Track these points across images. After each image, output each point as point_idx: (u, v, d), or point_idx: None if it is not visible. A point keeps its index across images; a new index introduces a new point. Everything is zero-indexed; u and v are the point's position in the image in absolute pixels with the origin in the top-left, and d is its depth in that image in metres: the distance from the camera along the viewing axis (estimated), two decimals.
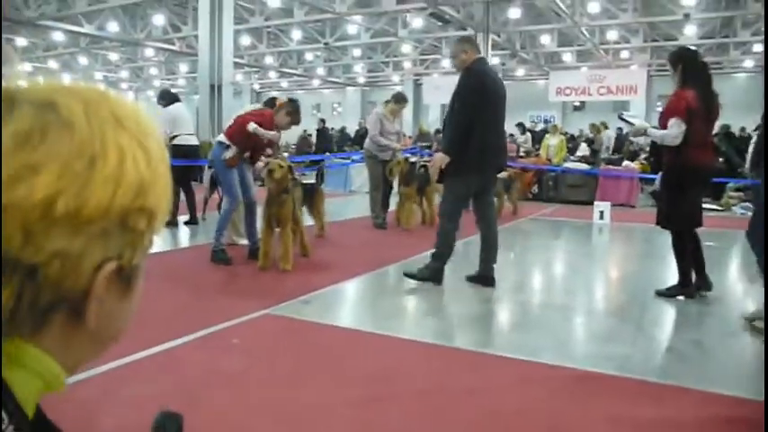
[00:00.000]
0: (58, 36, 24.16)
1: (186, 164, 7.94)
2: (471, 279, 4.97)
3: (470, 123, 4.63)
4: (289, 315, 4.04)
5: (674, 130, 4.31)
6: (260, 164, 5.80)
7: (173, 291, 4.77)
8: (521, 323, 4.20)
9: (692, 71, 4.44)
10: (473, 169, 4.72)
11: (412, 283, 4.88)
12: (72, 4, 19.04)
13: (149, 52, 27.46)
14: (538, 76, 27.04)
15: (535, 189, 13.25)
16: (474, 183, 4.80)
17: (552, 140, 13.87)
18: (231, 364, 3.19)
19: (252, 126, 5.44)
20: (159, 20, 21.20)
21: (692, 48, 4.95)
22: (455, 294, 4.85)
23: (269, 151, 5.94)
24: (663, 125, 4.49)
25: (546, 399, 2.81)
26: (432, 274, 4.87)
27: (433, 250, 4.93)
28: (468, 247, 7.22)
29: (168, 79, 33.39)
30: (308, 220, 6.95)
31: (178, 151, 7.85)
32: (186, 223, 8.18)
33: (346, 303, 4.68)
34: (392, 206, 8.40)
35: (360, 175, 13.76)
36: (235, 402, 2.68)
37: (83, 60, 30.72)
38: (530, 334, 3.87)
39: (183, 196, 8.19)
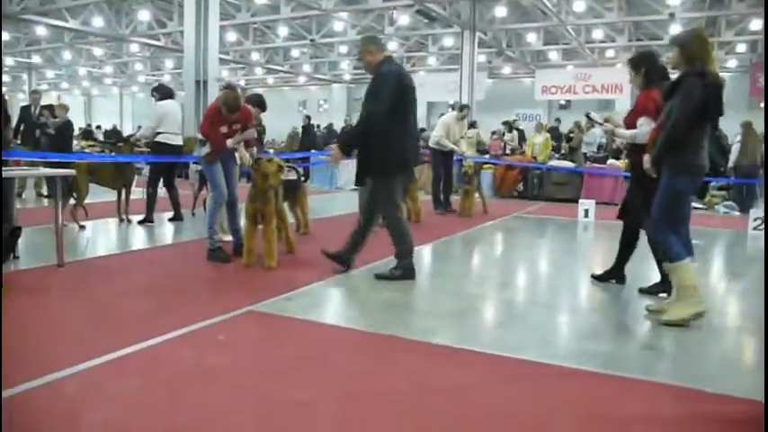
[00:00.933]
0: (41, 30, 23.87)
1: (167, 161, 7.86)
2: (330, 255, 5.20)
3: (384, 123, 4.76)
4: (273, 312, 4.04)
5: (645, 128, 4.40)
6: (246, 155, 5.77)
7: (157, 287, 4.75)
8: (505, 320, 4.23)
9: (655, 73, 4.57)
10: (398, 168, 4.94)
11: (393, 281, 4.92)
12: None
13: (134, 48, 27.22)
14: (524, 74, 27.12)
15: (520, 187, 13.33)
16: (399, 179, 5.01)
17: (537, 138, 13.95)
18: (216, 361, 3.18)
19: (229, 142, 5.55)
20: (144, 15, 21.02)
21: (653, 51, 5.20)
22: (439, 292, 4.87)
23: (253, 150, 5.92)
24: (631, 124, 4.64)
25: (529, 396, 2.83)
26: (404, 273, 5.04)
27: (396, 250, 5.10)
28: (447, 246, 7.25)
29: (153, 75, 33.11)
30: (290, 217, 6.95)
31: (160, 149, 7.79)
32: (170, 220, 8.15)
33: (330, 300, 4.68)
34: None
35: (345, 172, 13.76)
36: (219, 398, 2.67)
37: (67, 55, 30.37)
38: (513, 331, 3.90)
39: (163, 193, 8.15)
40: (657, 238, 4.05)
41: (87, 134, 22.27)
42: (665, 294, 4.50)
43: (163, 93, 8.02)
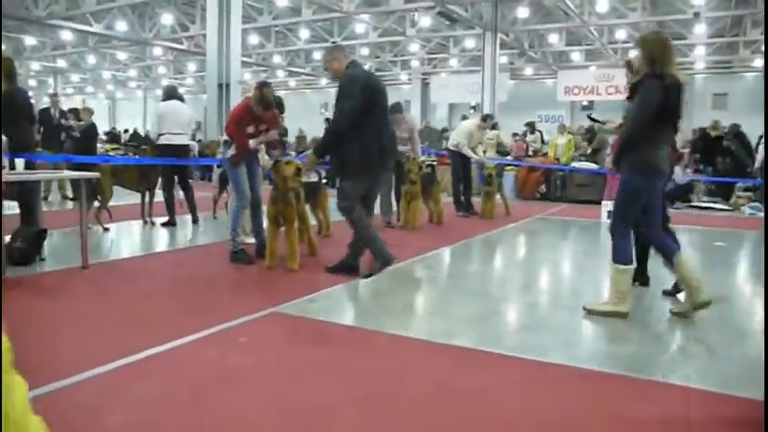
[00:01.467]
0: (66, 35, 24.22)
1: (174, 162, 7.84)
2: (332, 269, 5.22)
3: (355, 126, 4.81)
4: (295, 313, 4.05)
5: None
6: (265, 158, 5.80)
7: (180, 289, 4.79)
8: (527, 323, 4.19)
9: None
10: (362, 169, 4.96)
11: (418, 281, 4.93)
12: (81, 3, 19.10)
13: (158, 51, 27.53)
14: (546, 75, 26.92)
15: (543, 188, 13.22)
16: (365, 180, 5.04)
17: (560, 140, 13.83)
18: (238, 362, 3.19)
19: (252, 143, 5.57)
20: (167, 19, 21.26)
21: None
22: (460, 294, 4.84)
23: (275, 152, 5.95)
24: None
25: (552, 398, 2.80)
26: (382, 262, 5.07)
27: (357, 243, 5.19)
28: (468, 248, 7.22)
29: (176, 78, 33.48)
30: (311, 219, 6.98)
31: (164, 150, 7.77)
32: (192, 222, 8.17)
33: (353, 302, 4.68)
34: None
35: None
36: (241, 400, 2.69)
37: (91, 59, 30.83)
38: (536, 333, 3.87)
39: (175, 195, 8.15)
40: (612, 234, 4.13)
41: (113, 137, 22.60)
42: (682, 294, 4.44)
43: (165, 95, 8.03)
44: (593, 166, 12.97)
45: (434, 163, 10.34)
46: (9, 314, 4.07)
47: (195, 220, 8.18)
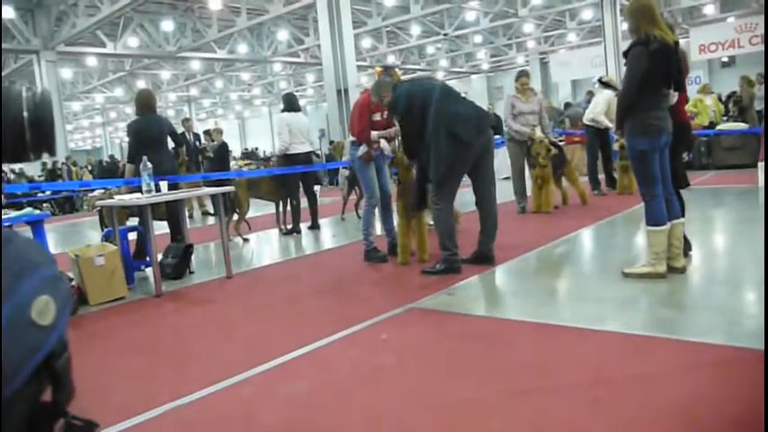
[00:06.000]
0: (195, 65, 25.96)
1: (299, 170, 7.96)
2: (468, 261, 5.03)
3: (421, 134, 4.77)
4: (434, 308, 3.96)
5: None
6: (384, 143, 5.74)
7: (319, 291, 4.87)
8: (682, 301, 3.82)
9: None
10: (450, 170, 4.83)
11: (560, 265, 4.67)
12: (205, 33, 20.36)
13: (277, 67, 28.77)
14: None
15: (686, 156, 12.23)
16: (455, 181, 4.94)
17: (708, 100, 12.64)
18: (382, 360, 3.16)
19: (374, 134, 5.58)
20: (283, 35, 22.16)
21: None
22: (606, 275, 4.52)
23: (394, 144, 5.91)
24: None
25: (720, 384, 2.49)
26: (446, 268, 4.81)
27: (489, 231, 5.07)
28: (610, 227, 6.78)
29: (297, 90, 34.83)
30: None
31: (288, 160, 7.94)
32: (309, 228, 8.30)
33: (492, 292, 4.52)
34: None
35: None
36: (388, 398, 2.63)
37: (219, 84, 32.80)
38: (694, 313, 3.52)
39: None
40: (642, 197, 4.20)
41: (249, 155, 24.05)
42: None
43: (286, 103, 8.08)
44: (742, 125, 11.81)
45: (561, 143, 9.88)
46: (170, 325, 4.34)
47: (316, 226, 8.32)
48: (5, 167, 16.94)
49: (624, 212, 7.37)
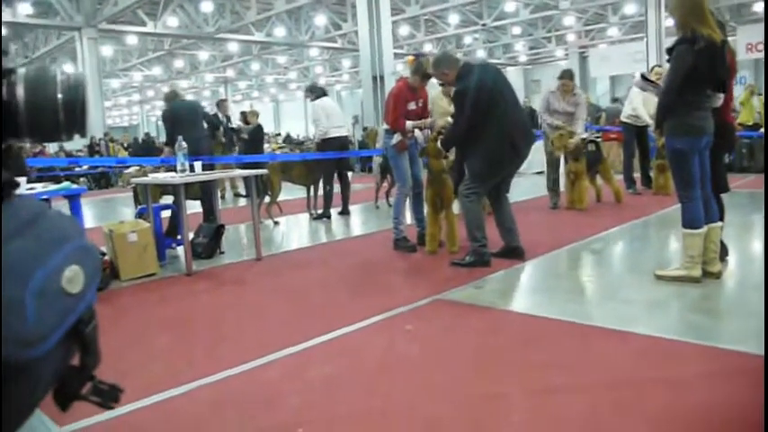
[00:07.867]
0: (233, 46, 26.14)
1: (335, 156, 8.01)
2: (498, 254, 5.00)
3: (474, 128, 4.68)
4: (460, 300, 3.95)
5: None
6: (418, 133, 5.72)
7: (347, 277, 4.90)
8: (715, 306, 3.75)
9: None
10: (494, 170, 4.84)
11: (591, 264, 4.61)
12: (243, 15, 20.48)
13: (314, 52, 28.82)
14: None
15: (726, 158, 11.91)
16: (494, 179, 4.91)
17: (754, 101, 12.30)
18: (406, 350, 3.17)
19: (409, 124, 5.53)
20: (321, 20, 22.17)
21: None
22: (637, 276, 4.45)
23: (427, 133, 5.87)
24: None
25: (748, 392, 2.43)
26: (475, 260, 4.78)
27: (512, 225, 5.04)
28: (643, 228, 6.67)
29: (333, 76, 34.85)
30: None
31: (327, 144, 7.98)
32: (340, 213, 8.32)
33: (520, 287, 4.49)
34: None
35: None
36: (410, 387, 2.64)
37: (255, 66, 33.00)
38: (727, 320, 3.45)
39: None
40: (680, 199, 4.10)
41: (287, 139, 24.33)
42: None
43: (319, 91, 8.24)
44: None
45: (599, 139, 9.70)
46: (199, 304, 4.41)
47: (346, 212, 8.35)
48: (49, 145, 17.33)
49: (659, 213, 7.24)
